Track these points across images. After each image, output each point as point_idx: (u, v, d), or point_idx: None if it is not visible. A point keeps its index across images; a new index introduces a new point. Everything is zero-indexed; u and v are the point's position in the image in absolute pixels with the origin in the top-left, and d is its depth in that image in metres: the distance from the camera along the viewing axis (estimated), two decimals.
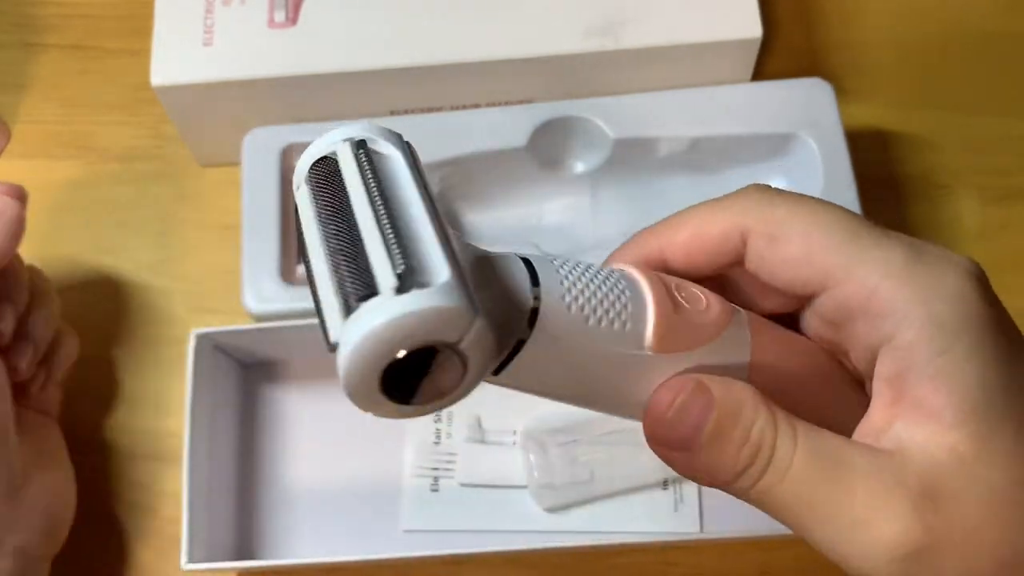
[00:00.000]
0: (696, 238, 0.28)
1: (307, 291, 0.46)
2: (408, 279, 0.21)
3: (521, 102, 0.51)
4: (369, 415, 0.23)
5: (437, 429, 0.47)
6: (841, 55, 0.56)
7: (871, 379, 0.27)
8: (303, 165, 0.25)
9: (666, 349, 0.26)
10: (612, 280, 0.26)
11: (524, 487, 0.46)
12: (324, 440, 0.48)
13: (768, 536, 0.43)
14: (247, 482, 0.47)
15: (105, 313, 0.48)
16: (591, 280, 0.25)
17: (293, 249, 0.47)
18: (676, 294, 0.26)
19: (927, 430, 0.25)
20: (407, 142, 0.26)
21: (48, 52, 0.57)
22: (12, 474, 0.41)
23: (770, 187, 0.28)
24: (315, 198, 0.24)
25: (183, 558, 0.42)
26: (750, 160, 0.50)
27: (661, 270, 0.28)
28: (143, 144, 0.55)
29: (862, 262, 0.26)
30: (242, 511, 0.47)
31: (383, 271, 0.22)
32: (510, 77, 0.50)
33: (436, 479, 0.47)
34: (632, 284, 0.26)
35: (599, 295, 0.25)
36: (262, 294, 0.45)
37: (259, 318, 0.46)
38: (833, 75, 0.53)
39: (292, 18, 0.49)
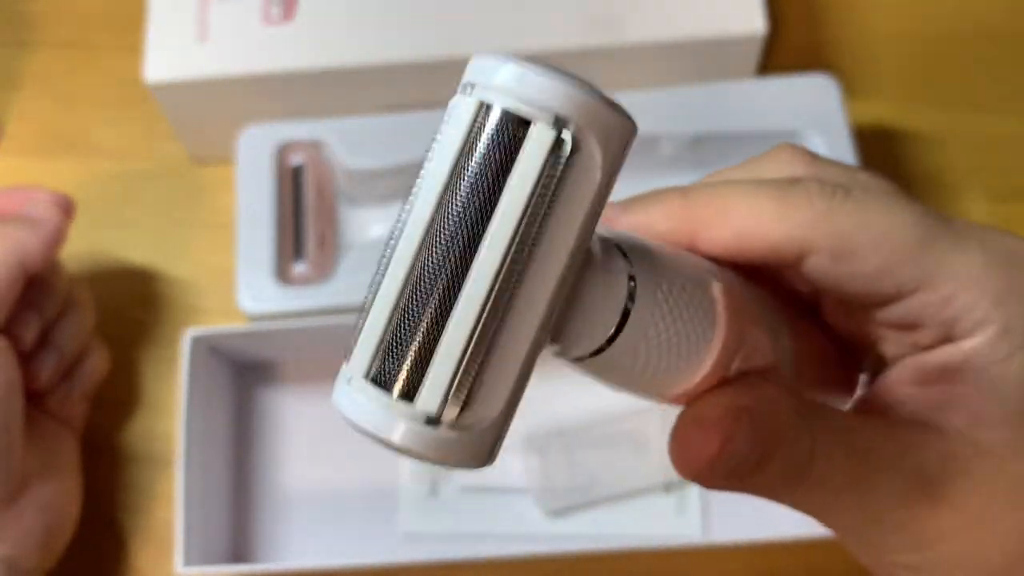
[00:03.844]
0: (742, 241, 0.25)
1: (303, 292, 0.46)
2: (449, 416, 0.20)
3: None
4: None
5: None
6: (847, 51, 0.55)
7: (889, 359, 0.26)
8: (482, 81, 0.21)
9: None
10: (693, 323, 0.24)
11: (525, 490, 0.45)
12: (321, 442, 0.47)
13: (771, 541, 0.42)
14: (243, 485, 0.47)
15: (98, 313, 0.47)
16: (674, 330, 0.23)
17: (289, 249, 0.47)
18: (736, 357, 0.24)
19: (958, 423, 0.24)
20: (627, 133, 0.22)
21: (40, 49, 0.56)
22: (11, 482, 0.40)
23: (817, 167, 0.26)
24: (475, 189, 0.20)
25: (178, 561, 0.41)
26: None
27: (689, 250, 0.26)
28: (136, 142, 0.54)
29: (939, 273, 0.24)
30: (238, 514, 0.46)
31: (436, 387, 0.19)
32: None
33: (435, 482, 0.46)
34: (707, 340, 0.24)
35: (669, 349, 0.23)
36: (257, 294, 0.45)
37: (254, 318, 0.45)
38: (839, 71, 0.52)
39: (287, 13, 0.49)
